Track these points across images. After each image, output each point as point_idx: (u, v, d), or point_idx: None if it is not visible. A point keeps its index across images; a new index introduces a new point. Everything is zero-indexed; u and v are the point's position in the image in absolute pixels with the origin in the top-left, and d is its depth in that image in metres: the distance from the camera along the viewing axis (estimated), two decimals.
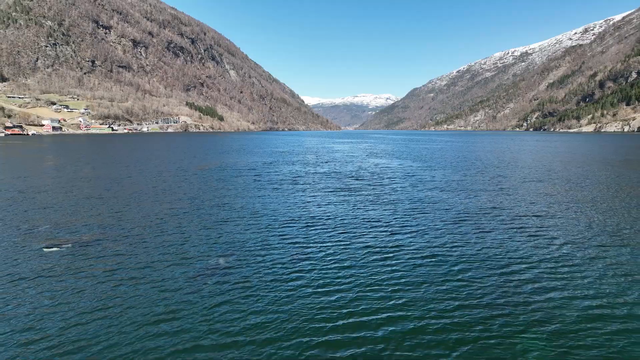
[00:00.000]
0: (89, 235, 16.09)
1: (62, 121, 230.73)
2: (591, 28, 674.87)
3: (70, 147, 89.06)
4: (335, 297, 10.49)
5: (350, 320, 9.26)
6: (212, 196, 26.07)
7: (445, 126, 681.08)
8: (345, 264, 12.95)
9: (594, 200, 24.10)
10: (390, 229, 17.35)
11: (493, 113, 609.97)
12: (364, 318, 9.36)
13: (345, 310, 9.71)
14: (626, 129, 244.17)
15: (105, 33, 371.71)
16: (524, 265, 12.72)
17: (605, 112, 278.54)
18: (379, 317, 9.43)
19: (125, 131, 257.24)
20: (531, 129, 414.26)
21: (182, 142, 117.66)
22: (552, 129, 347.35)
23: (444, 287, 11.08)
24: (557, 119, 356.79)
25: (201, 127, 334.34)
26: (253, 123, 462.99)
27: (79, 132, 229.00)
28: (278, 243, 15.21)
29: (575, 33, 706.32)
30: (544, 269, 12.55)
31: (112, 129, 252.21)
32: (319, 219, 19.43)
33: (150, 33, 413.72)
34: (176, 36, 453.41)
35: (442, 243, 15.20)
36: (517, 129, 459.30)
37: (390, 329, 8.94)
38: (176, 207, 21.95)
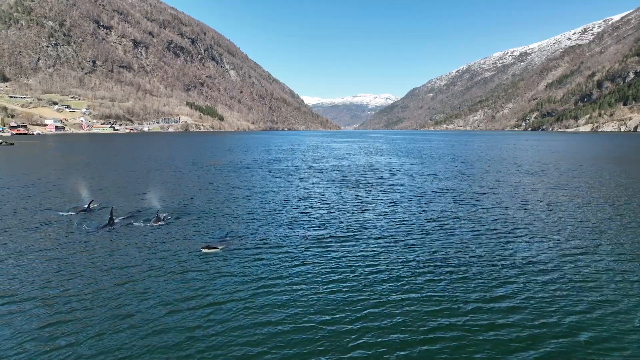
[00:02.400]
0: (135, 218, 18.64)
1: (64, 121, 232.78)
2: (590, 28, 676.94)
3: (81, 146, 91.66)
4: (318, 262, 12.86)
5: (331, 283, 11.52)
6: (228, 184, 29.74)
7: (444, 126, 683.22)
8: (333, 229, 16.13)
9: (561, 191, 26.87)
10: (367, 204, 22.79)
11: (492, 113, 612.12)
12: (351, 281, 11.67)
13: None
14: (623, 128, 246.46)
15: (106, 33, 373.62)
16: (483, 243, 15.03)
17: (602, 112, 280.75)
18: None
19: (127, 131, 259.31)
20: (530, 129, 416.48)
21: (185, 142, 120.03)
22: (550, 129, 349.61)
23: (405, 247, 13.43)
24: (555, 118, 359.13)
25: (202, 127, 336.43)
26: (253, 123, 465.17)
27: (82, 131, 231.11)
28: (289, 220, 18.06)
29: (574, 33, 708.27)
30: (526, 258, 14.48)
31: (114, 129, 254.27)
32: (317, 200, 23.69)
33: (150, 33, 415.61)
34: (176, 36, 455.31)
35: (404, 210, 19.38)
36: (516, 129, 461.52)
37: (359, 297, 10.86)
38: (197, 195, 24.86)
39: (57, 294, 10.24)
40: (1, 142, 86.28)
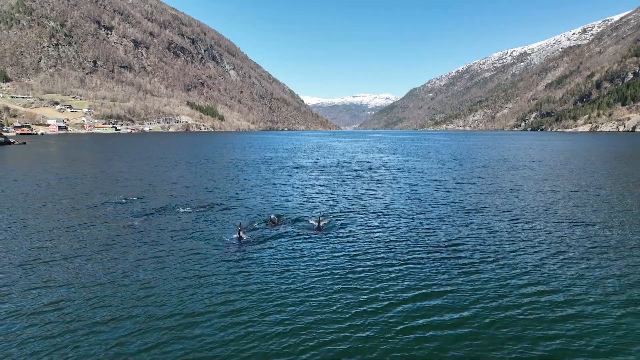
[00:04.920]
0: (160, 209, 20.00)
1: (66, 121, 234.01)
2: (589, 28, 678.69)
3: (89, 146, 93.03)
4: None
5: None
6: (245, 178, 32.15)
7: (444, 126, 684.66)
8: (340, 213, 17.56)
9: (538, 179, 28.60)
10: (368, 193, 25.51)
11: (492, 113, 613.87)
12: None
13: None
14: (621, 128, 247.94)
15: (107, 33, 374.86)
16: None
17: (601, 112, 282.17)
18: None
19: (128, 131, 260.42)
20: (529, 129, 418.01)
21: (189, 141, 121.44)
22: (549, 129, 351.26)
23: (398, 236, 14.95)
24: (554, 119, 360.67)
25: (202, 127, 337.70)
26: (253, 123, 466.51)
27: (84, 131, 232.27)
28: (299, 208, 19.53)
29: (574, 33, 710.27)
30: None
31: (116, 129, 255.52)
32: (325, 190, 26.47)
33: (151, 33, 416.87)
34: (177, 36, 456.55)
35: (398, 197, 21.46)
36: (515, 129, 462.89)
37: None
38: (219, 188, 26.60)
39: (88, 284, 10.66)
40: (14, 142, 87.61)
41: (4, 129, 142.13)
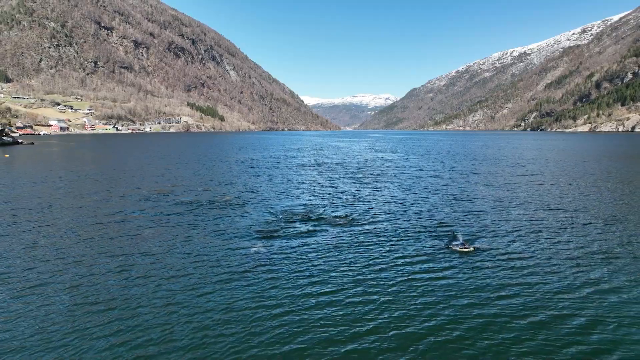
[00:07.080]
0: (180, 204, 20.65)
1: (67, 121, 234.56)
2: (589, 28, 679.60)
3: (95, 146, 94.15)
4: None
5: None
6: (260, 175, 33.24)
7: (444, 126, 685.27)
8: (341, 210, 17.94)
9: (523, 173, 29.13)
10: (375, 188, 25.81)
11: (491, 113, 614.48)
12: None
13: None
14: (620, 128, 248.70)
15: (107, 34, 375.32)
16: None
17: (600, 112, 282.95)
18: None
19: (129, 131, 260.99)
20: (529, 129, 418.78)
21: (191, 142, 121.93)
22: (549, 129, 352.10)
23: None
24: (554, 119, 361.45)
25: (202, 127, 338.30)
26: (253, 123, 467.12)
27: (85, 132, 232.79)
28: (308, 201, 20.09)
29: (573, 33, 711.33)
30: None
31: (117, 129, 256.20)
32: (333, 185, 27.97)
33: (151, 34, 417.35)
34: (177, 37, 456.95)
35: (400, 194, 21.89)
36: (515, 129, 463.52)
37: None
38: (231, 185, 27.45)
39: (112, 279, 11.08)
40: (21, 142, 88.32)
41: (9, 129, 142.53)
